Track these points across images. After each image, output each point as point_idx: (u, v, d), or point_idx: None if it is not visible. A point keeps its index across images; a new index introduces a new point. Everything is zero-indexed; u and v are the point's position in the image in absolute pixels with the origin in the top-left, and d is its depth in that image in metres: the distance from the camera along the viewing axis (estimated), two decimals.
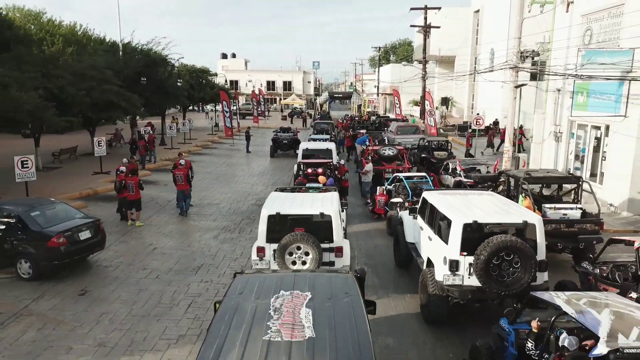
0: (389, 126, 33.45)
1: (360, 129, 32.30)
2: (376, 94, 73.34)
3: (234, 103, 53.62)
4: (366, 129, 32.27)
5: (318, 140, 25.44)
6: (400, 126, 31.53)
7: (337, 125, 38.48)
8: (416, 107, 52.04)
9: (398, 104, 45.22)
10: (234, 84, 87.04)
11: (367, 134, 26.50)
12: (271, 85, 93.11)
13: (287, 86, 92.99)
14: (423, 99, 39.29)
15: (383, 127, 34.28)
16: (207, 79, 48.80)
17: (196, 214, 16.76)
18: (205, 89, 46.30)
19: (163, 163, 26.49)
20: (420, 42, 44.97)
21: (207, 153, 32.04)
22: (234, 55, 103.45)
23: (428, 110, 35.04)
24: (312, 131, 34.08)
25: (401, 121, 37.31)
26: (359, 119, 43.01)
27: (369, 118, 44.21)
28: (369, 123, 38.56)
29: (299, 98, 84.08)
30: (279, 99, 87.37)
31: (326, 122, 36.42)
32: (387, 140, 26.65)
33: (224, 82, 69.50)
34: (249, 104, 61.55)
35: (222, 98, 36.88)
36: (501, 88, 29.23)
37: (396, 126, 31.45)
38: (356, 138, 27.41)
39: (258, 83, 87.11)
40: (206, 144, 35.77)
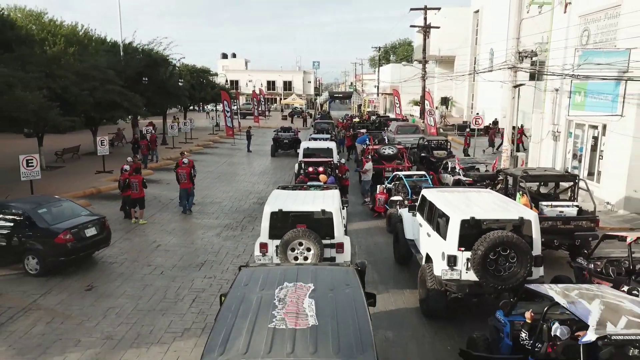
0: (389, 126, 33.59)
1: (360, 129, 32.47)
2: (376, 94, 73.42)
3: (235, 103, 53.86)
4: (366, 129, 32.45)
5: (319, 139, 25.62)
6: (400, 126, 31.66)
7: (338, 124, 38.63)
8: (416, 107, 52.19)
9: (398, 104, 45.35)
10: (235, 84, 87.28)
11: (367, 134, 26.69)
12: (271, 85, 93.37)
13: (288, 86, 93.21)
14: (423, 99, 39.43)
15: (383, 127, 34.44)
16: (208, 79, 49.04)
17: (198, 212, 16.97)
18: (206, 89, 46.55)
19: (165, 162, 26.71)
20: (420, 42, 45.10)
21: (209, 152, 32.27)
22: (234, 55, 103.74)
23: (428, 110, 35.18)
24: (313, 131, 34.24)
25: (401, 121, 37.43)
26: (360, 119, 43.13)
27: (369, 118, 44.36)
28: (369, 123, 38.72)
29: (299, 98, 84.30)
30: (280, 99, 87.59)
31: (326, 122, 36.60)
32: (387, 139, 26.81)
33: (225, 82, 69.73)
34: (250, 104, 61.82)
35: (223, 98, 37.09)
36: (500, 88, 29.30)
37: (396, 126, 31.59)
38: (356, 137, 27.61)
39: (258, 83, 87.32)
40: (207, 144, 35.98)
